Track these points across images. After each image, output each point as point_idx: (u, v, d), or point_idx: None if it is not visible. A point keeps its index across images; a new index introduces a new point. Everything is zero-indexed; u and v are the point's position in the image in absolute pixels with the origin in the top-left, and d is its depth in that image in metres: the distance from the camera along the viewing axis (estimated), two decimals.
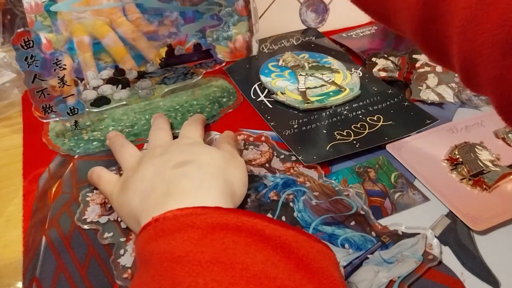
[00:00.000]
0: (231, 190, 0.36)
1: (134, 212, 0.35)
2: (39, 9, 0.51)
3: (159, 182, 0.35)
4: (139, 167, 0.38)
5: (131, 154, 0.42)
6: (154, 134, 0.45)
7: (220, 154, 0.39)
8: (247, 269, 0.24)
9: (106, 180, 0.40)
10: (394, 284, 0.33)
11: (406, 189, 0.42)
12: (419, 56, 0.62)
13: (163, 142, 0.42)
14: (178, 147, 0.40)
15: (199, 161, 0.37)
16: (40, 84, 0.45)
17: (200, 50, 0.57)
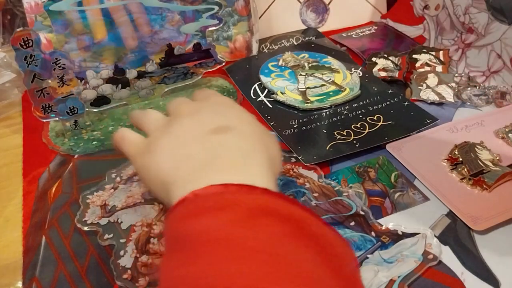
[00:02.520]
0: (273, 166, 0.31)
1: (164, 176, 0.30)
2: (39, 9, 0.51)
3: (197, 147, 0.30)
4: (168, 128, 0.33)
5: (156, 118, 0.36)
6: (174, 100, 0.37)
7: (258, 124, 0.34)
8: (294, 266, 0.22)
9: (130, 140, 0.35)
10: (394, 284, 0.33)
11: (406, 189, 0.42)
12: (419, 56, 0.62)
13: (186, 101, 0.36)
14: (210, 107, 0.35)
15: (241, 129, 0.32)
16: (39, 84, 0.45)
17: (200, 50, 0.57)
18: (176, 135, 0.32)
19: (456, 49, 0.61)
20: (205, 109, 0.34)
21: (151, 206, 0.41)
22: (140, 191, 0.43)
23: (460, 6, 0.61)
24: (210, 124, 0.32)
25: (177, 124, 0.33)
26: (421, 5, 0.68)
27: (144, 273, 0.35)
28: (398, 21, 0.71)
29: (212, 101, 0.36)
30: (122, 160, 0.46)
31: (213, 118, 0.33)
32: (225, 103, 0.36)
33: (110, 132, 0.51)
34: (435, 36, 0.66)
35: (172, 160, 0.30)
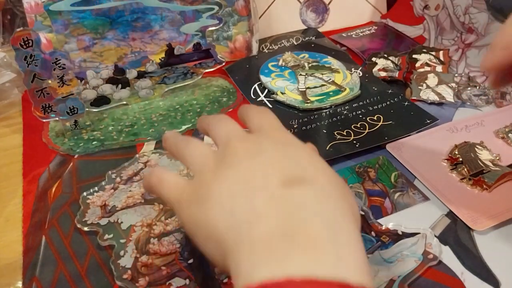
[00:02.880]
0: (360, 234, 0.24)
1: (219, 236, 0.24)
2: (39, 9, 0.51)
3: (265, 204, 0.23)
4: (223, 170, 0.26)
5: (203, 152, 0.28)
6: (218, 126, 0.30)
7: (334, 172, 0.27)
8: None
9: (171, 183, 0.28)
10: (394, 284, 0.33)
11: (406, 189, 0.42)
12: (419, 56, 0.62)
13: (240, 135, 0.28)
14: (275, 146, 0.27)
15: (321, 183, 0.25)
16: (40, 84, 0.45)
17: (200, 50, 0.57)
18: (234, 181, 0.25)
19: (456, 49, 0.61)
20: (270, 148, 0.26)
21: (151, 207, 0.41)
22: (140, 191, 0.43)
23: (460, 6, 0.61)
24: (280, 171, 0.25)
25: (234, 166, 0.26)
26: (421, 5, 0.68)
27: (144, 273, 0.35)
28: (398, 21, 0.71)
29: (274, 136, 0.28)
30: (122, 160, 0.46)
31: (283, 163, 0.25)
32: (292, 143, 0.28)
33: (110, 132, 0.51)
34: (435, 36, 0.66)
35: (231, 217, 0.24)
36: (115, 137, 0.50)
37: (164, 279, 0.35)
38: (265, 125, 0.30)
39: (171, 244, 0.37)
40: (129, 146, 0.49)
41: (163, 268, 0.35)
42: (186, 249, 0.37)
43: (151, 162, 0.46)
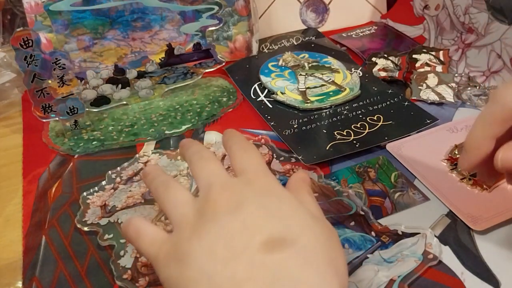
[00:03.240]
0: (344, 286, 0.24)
1: None
2: (39, 9, 0.51)
3: (244, 271, 0.23)
4: (200, 225, 0.25)
5: (182, 201, 0.28)
6: (200, 166, 0.29)
7: (318, 224, 0.26)
8: None
9: (148, 238, 0.27)
10: (394, 284, 0.33)
11: (406, 189, 0.42)
12: (419, 56, 0.62)
13: (222, 181, 0.27)
14: (254, 199, 0.26)
15: (303, 244, 0.24)
16: (40, 84, 0.45)
17: (200, 50, 0.57)
18: (213, 239, 0.24)
19: (456, 49, 0.61)
20: (251, 201, 0.26)
21: (151, 206, 0.41)
22: (140, 191, 0.43)
23: (460, 6, 0.61)
24: (261, 231, 0.24)
25: (214, 221, 0.25)
26: (421, 5, 0.68)
27: (144, 273, 0.35)
28: (398, 21, 0.71)
29: (257, 184, 0.27)
30: (122, 160, 0.46)
31: (264, 221, 0.25)
32: (276, 192, 0.27)
33: (110, 132, 0.51)
34: (435, 36, 0.66)
35: (209, 283, 0.23)
36: (115, 137, 0.50)
37: None
38: (249, 168, 0.29)
39: None
40: (129, 146, 0.49)
41: None
42: None
43: (151, 162, 0.46)
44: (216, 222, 0.25)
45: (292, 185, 0.30)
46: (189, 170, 0.45)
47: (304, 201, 0.28)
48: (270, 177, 0.28)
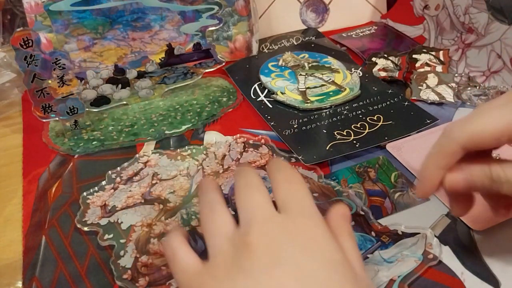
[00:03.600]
0: None
1: None
2: (39, 9, 0.51)
3: None
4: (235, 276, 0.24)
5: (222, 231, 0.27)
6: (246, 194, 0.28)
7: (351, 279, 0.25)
8: None
9: (182, 264, 0.27)
10: (394, 284, 0.33)
11: (406, 189, 0.42)
12: (419, 56, 0.62)
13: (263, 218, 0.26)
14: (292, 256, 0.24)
15: None
16: (40, 84, 0.45)
17: (200, 50, 0.57)
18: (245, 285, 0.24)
19: (456, 49, 0.61)
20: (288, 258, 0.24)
21: (151, 206, 0.41)
22: (140, 191, 0.43)
23: (460, 6, 0.61)
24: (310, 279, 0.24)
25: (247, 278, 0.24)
26: (421, 5, 0.68)
27: (144, 273, 0.35)
28: (398, 21, 0.71)
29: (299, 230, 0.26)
30: (122, 160, 0.46)
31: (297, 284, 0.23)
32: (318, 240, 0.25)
33: (110, 132, 0.51)
34: (435, 36, 0.66)
35: None
36: (115, 137, 0.50)
37: (164, 279, 0.35)
38: (292, 203, 0.27)
39: None
40: (129, 146, 0.49)
41: (163, 268, 0.35)
42: None
43: (151, 162, 0.46)
44: (251, 277, 0.24)
45: (333, 223, 0.28)
46: (189, 170, 0.45)
47: (345, 248, 0.27)
48: (313, 217, 0.27)
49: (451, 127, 0.30)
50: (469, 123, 0.29)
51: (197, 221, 0.39)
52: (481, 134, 0.28)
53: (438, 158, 0.30)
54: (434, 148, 0.31)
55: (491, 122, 0.28)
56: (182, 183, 0.43)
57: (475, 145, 0.29)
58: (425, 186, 0.31)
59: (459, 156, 0.30)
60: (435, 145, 0.31)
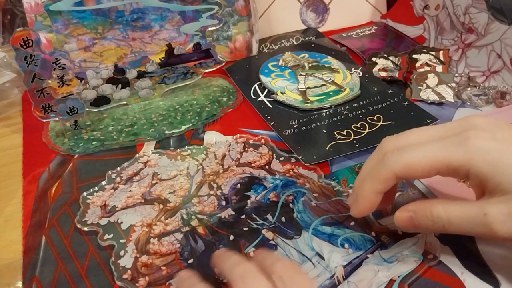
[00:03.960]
0: None
1: None
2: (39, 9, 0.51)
3: None
4: None
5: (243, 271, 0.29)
6: None
7: None
8: None
9: None
10: (394, 284, 0.33)
11: (406, 189, 0.42)
12: (419, 56, 0.62)
13: None
14: None
15: None
16: (39, 84, 0.45)
17: (200, 50, 0.57)
18: None
19: (456, 49, 0.61)
20: None
21: (151, 207, 0.41)
22: (140, 191, 0.43)
23: (460, 6, 0.61)
24: None
25: None
26: (421, 5, 0.68)
27: (144, 273, 0.35)
28: (398, 21, 0.71)
29: None
30: (122, 160, 0.46)
31: None
32: None
33: (110, 132, 0.51)
34: (435, 36, 0.66)
35: None
36: (115, 137, 0.50)
37: (164, 279, 0.35)
38: None
39: (171, 244, 0.37)
40: (129, 146, 0.49)
41: (163, 268, 0.35)
42: (186, 249, 0.37)
43: (151, 162, 0.46)
44: None
45: None
46: (189, 170, 0.45)
47: None
48: None
49: (389, 155, 0.31)
50: (405, 154, 0.31)
51: (197, 221, 0.39)
52: (412, 167, 0.31)
53: (374, 183, 0.32)
54: (372, 172, 0.32)
55: (422, 156, 0.30)
56: (182, 183, 0.43)
57: (408, 175, 0.31)
58: (361, 207, 0.33)
59: (394, 182, 0.32)
60: (372, 169, 0.33)
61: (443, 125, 0.32)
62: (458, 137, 0.30)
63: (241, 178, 0.44)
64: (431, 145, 0.31)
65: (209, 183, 0.43)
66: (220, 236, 0.38)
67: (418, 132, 0.33)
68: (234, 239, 0.37)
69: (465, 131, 0.30)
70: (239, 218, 0.39)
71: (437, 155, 0.30)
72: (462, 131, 0.30)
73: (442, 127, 0.32)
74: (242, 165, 0.45)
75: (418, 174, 0.31)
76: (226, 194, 0.42)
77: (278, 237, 0.37)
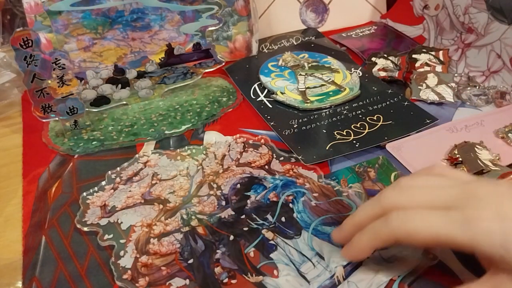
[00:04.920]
0: None
1: None
2: (38, 9, 0.51)
3: None
4: None
5: None
6: None
7: None
8: None
9: None
10: (394, 283, 0.33)
11: None
12: (419, 56, 0.62)
13: None
14: None
15: None
16: (39, 84, 0.45)
17: (200, 50, 0.57)
18: None
19: (456, 49, 0.62)
20: None
21: (151, 207, 0.41)
22: (140, 192, 0.43)
23: (460, 6, 0.61)
24: None
25: None
26: (421, 5, 0.68)
27: (144, 273, 0.35)
28: (398, 21, 0.71)
29: None
30: (122, 160, 0.46)
31: None
32: None
33: (110, 132, 0.51)
34: (434, 36, 0.66)
35: None
36: (115, 137, 0.50)
37: (164, 279, 0.35)
38: None
39: (171, 244, 0.37)
40: (129, 146, 0.49)
41: (163, 268, 0.35)
42: (186, 249, 0.37)
43: (151, 162, 0.46)
44: None
45: None
46: (189, 170, 0.45)
47: None
48: None
49: (393, 217, 0.31)
50: (409, 221, 0.30)
51: (197, 221, 0.39)
52: (415, 237, 0.30)
53: (374, 240, 0.32)
54: (373, 229, 0.32)
55: (426, 229, 0.29)
56: (182, 183, 0.43)
57: (408, 242, 0.31)
58: (354, 256, 0.34)
59: (393, 244, 0.33)
60: (374, 225, 0.32)
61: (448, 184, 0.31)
62: (462, 214, 0.28)
63: (241, 178, 0.44)
64: (436, 216, 0.29)
65: (209, 183, 0.43)
66: (220, 236, 0.38)
67: (421, 191, 0.32)
68: (234, 239, 0.37)
69: (469, 208, 0.29)
70: (239, 218, 0.39)
71: (441, 231, 0.29)
72: (465, 205, 0.29)
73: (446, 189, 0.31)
74: (242, 165, 0.45)
75: (419, 243, 0.32)
76: (226, 194, 0.42)
77: (278, 237, 0.37)
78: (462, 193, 0.30)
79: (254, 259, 0.36)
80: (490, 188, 0.30)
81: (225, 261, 0.36)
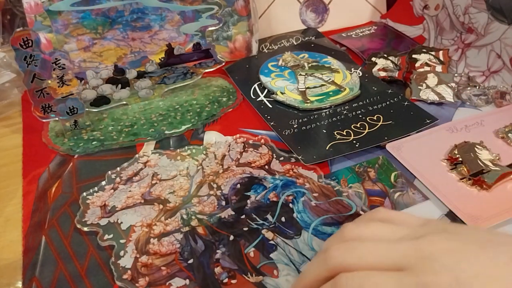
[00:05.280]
0: None
1: None
2: (38, 9, 0.51)
3: None
4: None
5: None
6: None
7: None
8: None
9: None
10: None
11: (406, 189, 0.42)
12: (418, 56, 0.62)
13: None
14: None
15: None
16: (39, 84, 0.45)
17: (200, 50, 0.57)
18: None
19: (456, 49, 0.62)
20: None
21: (151, 207, 0.41)
22: (140, 192, 0.43)
23: (460, 6, 0.61)
24: None
25: None
26: (421, 5, 0.68)
27: (144, 273, 0.35)
28: (398, 21, 0.71)
29: None
30: (122, 160, 0.46)
31: None
32: None
33: (110, 132, 0.51)
34: (434, 36, 0.66)
35: None
36: (115, 137, 0.50)
37: (164, 279, 0.35)
38: None
39: (171, 244, 0.37)
40: (129, 146, 0.49)
41: (163, 268, 0.35)
42: (186, 249, 0.37)
43: (151, 162, 0.46)
44: None
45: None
46: (189, 170, 0.45)
47: None
48: None
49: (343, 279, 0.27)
50: None
51: (197, 221, 0.39)
52: None
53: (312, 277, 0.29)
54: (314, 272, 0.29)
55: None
56: (182, 183, 0.43)
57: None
58: None
59: None
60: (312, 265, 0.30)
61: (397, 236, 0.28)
62: (417, 279, 0.25)
63: (241, 178, 0.44)
64: (388, 283, 0.25)
65: (209, 183, 0.43)
66: (220, 236, 0.38)
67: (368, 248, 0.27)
68: (234, 239, 0.37)
69: (424, 273, 0.25)
70: (239, 218, 0.39)
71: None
72: (419, 268, 0.25)
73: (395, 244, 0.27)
74: (242, 165, 0.45)
75: None
76: (226, 194, 0.42)
77: (278, 237, 0.37)
78: (414, 250, 0.26)
79: (254, 259, 0.36)
80: (443, 245, 0.26)
81: (225, 261, 0.36)
